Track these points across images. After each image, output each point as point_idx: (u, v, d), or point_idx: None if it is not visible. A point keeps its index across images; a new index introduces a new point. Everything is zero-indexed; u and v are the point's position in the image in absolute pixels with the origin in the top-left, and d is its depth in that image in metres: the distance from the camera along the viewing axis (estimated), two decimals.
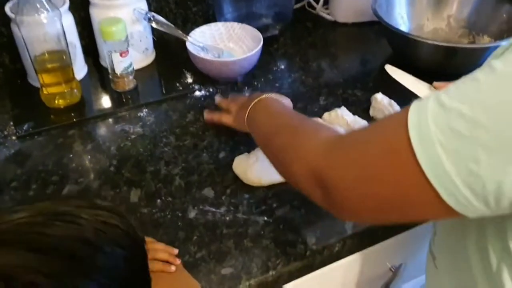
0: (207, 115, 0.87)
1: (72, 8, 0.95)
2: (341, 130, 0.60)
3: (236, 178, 0.78)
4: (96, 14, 0.95)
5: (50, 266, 0.34)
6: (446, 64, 0.98)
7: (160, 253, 0.65)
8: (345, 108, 0.88)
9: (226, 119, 0.83)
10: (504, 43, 0.93)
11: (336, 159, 0.48)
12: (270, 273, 0.66)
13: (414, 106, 0.43)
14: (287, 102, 0.80)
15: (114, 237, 0.39)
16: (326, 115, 0.87)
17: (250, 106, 0.72)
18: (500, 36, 1.01)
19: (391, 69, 0.89)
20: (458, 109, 0.39)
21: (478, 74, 0.41)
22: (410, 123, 0.41)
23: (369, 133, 0.49)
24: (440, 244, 0.62)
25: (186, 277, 0.64)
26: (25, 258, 0.34)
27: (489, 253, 0.49)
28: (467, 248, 0.53)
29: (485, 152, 0.37)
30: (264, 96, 0.72)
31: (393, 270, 0.83)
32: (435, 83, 0.82)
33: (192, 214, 0.73)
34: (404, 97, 0.96)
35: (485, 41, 1.06)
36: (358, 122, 0.85)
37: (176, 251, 0.66)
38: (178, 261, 0.64)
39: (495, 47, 0.95)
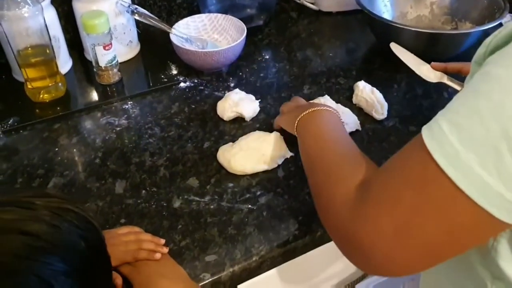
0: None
1: (54, 2, 0.95)
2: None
3: (220, 168, 0.79)
4: (79, 7, 0.96)
5: (10, 246, 0.37)
6: (429, 51, 0.99)
7: (146, 243, 0.65)
8: (328, 97, 0.89)
9: (277, 119, 0.82)
10: (484, 28, 0.94)
11: (367, 218, 0.45)
12: (254, 259, 0.67)
13: (428, 137, 0.41)
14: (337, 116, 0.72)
15: (69, 218, 0.41)
16: None
17: (302, 115, 0.69)
18: (481, 21, 1.02)
19: (395, 47, 0.90)
20: (477, 123, 0.38)
21: (478, 85, 0.40)
22: (435, 153, 0.40)
23: (393, 178, 0.45)
24: None
25: (172, 264, 0.65)
26: None
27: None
28: None
29: None
30: (317, 109, 0.69)
31: None
32: (433, 64, 0.83)
33: (176, 203, 0.74)
34: (386, 85, 0.97)
35: (467, 27, 1.07)
36: (341, 110, 0.86)
37: (162, 241, 0.67)
38: (166, 250, 0.65)
39: (477, 32, 0.96)
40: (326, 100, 0.88)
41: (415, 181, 0.42)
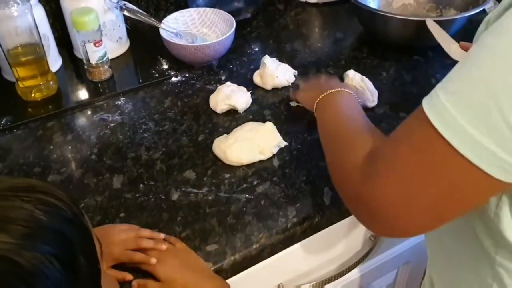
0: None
1: (42, 0, 0.94)
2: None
3: (216, 159, 0.80)
4: (67, 5, 0.96)
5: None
6: (415, 38, 1.01)
7: (145, 242, 0.65)
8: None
9: (296, 94, 0.87)
10: (468, 14, 0.96)
11: (375, 181, 0.48)
12: (254, 246, 0.68)
13: (428, 107, 0.44)
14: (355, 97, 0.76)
15: (40, 200, 0.41)
16: None
17: (322, 97, 0.73)
18: (465, 8, 1.04)
19: (430, 23, 0.90)
20: (470, 88, 0.41)
21: (472, 54, 0.42)
22: (434, 121, 0.42)
23: (398, 146, 0.48)
24: None
25: (193, 253, 0.66)
26: None
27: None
28: None
29: None
30: (336, 90, 0.73)
31: (372, 238, 0.86)
32: (462, 43, 0.85)
33: (175, 196, 0.75)
34: (375, 72, 0.99)
35: (452, 13, 1.09)
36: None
37: (162, 236, 0.67)
38: (164, 247, 0.65)
39: (462, 19, 0.98)
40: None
41: (416, 145, 0.45)
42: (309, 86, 0.84)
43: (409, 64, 1.02)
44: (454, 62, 0.83)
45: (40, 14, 0.92)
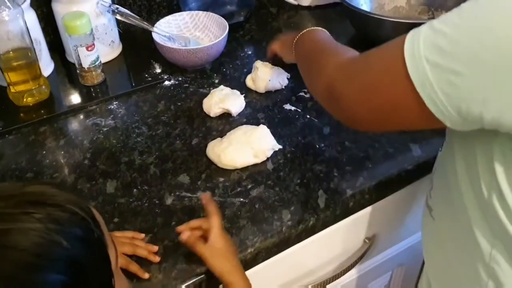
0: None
1: (34, 5, 0.94)
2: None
3: (210, 163, 0.80)
4: (59, 9, 0.95)
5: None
6: None
7: (140, 249, 0.66)
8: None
9: (274, 45, 0.94)
10: None
11: (343, 74, 0.58)
12: (249, 250, 0.68)
13: (411, 32, 0.49)
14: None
15: (52, 217, 0.39)
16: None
17: (298, 36, 0.81)
18: None
19: None
20: (443, 30, 0.45)
21: (464, 4, 0.46)
22: (406, 44, 0.48)
23: (372, 54, 0.56)
24: (436, 194, 0.66)
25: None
26: None
27: (481, 188, 0.53)
28: (461, 188, 0.57)
29: (462, 67, 0.44)
30: (309, 29, 0.81)
31: (367, 241, 0.86)
32: None
33: (169, 200, 0.74)
34: None
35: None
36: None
37: (156, 248, 0.67)
38: (157, 259, 0.66)
39: None
40: (260, 64, 0.95)
41: (383, 60, 0.53)
42: (283, 36, 0.91)
43: None
44: None
45: (31, 18, 0.92)
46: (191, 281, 0.65)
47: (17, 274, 0.35)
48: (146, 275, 0.64)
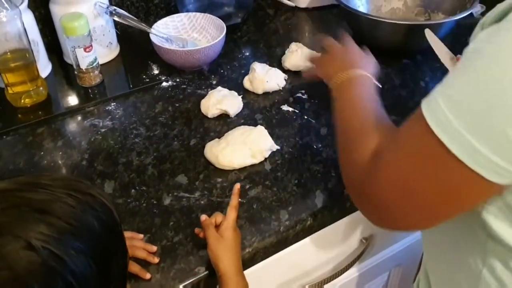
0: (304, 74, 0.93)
1: (31, 6, 0.94)
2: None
3: (208, 164, 0.80)
4: (57, 11, 0.95)
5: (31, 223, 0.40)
6: (404, 42, 1.02)
7: (139, 251, 0.66)
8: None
9: (315, 61, 0.86)
10: (456, 18, 0.97)
11: (377, 180, 0.51)
12: (247, 250, 0.68)
13: (428, 113, 0.45)
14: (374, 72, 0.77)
15: (85, 200, 0.45)
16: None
17: (339, 78, 0.73)
18: (453, 12, 1.05)
19: (429, 34, 0.91)
20: (467, 95, 0.42)
21: (470, 62, 0.43)
22: (433, 125, 0.44)
23: (398, 149, 0.50)
24: None
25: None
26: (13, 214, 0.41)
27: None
28: None
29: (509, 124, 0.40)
30: (354, 75, 0.72)
31: (364, 241, 0.87)
32: (459, 56, 0.86)
33: (167, 201, 0.74)
34: None
35: (440, 17, 1.10)
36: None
37: (154, 248, 0.67)
38: (157, 260, 0.66)
39: (450, 22, 0.99)
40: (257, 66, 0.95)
41: (416, 149, 0.47)
42: (330, 58, 0.81)
43: (398, 67, 1.03)
44: (443, 65, 0.85)
45: (29, 19, 0.92)
46: (189, 281, 0.65)
47: (50, 237, 0.40)
48: (148, 276, 0.64)
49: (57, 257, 0.39)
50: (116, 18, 0.98)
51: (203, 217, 0.67)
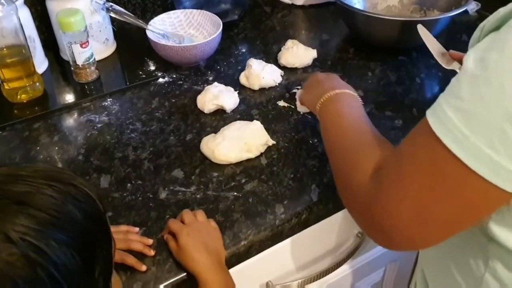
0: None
1: (28, 2, 0.94)
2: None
3: (204, 158, 0.80)
4: (53, 7, 0.95)
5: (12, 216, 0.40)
6: (400, 39, 1.03)
7: (135, 244, 0.66)
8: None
9: (301, 97, 0.84)
10: (451, 14, 0.98)
11: (383, 203, 0.48)
12: (242, 243, 0.68)
13: (435, 124, 0.43)
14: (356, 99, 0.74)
15: (67, 191, 0.44)
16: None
17: (323, 99, 0.71)
18: (448, 9, 1.05)
19: (422, 30, 0.91)
20: (482, 108, 0.40)
21: (479, 70, 0.42)
22: (444, 138, 0.42)
23: (404, 164, 0.47)
24: None
25: (216, 235, 0.68)
26: None
27: None
28: None
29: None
30: (338, 92, 0.71)
31: (359, 235, 0.87)
32: (451, 52, 0.86)
33: (163, 195, 0.75)
34: (360, 73, 1.00)
35: (435, 14, 1.11)
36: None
37: (150, 241, 0.68)
38: (152, 253, 0.66)
39: (446, 19, 1.00)
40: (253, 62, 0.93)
41: (425, 165, 0.45)
42: (309, 86, 0.81)
43: (394, 64, 1.03)
44: (438, 62, 0.85)
45: (25, 15, 0.92)
46: (184, 274, 0.65)
47: (30, 228, 0.39)
48: (144, 267, 0.64)
49: (38, 249, 0.39)
50: (112, 15, 0.99)
51: (163, 233, 0.68)
